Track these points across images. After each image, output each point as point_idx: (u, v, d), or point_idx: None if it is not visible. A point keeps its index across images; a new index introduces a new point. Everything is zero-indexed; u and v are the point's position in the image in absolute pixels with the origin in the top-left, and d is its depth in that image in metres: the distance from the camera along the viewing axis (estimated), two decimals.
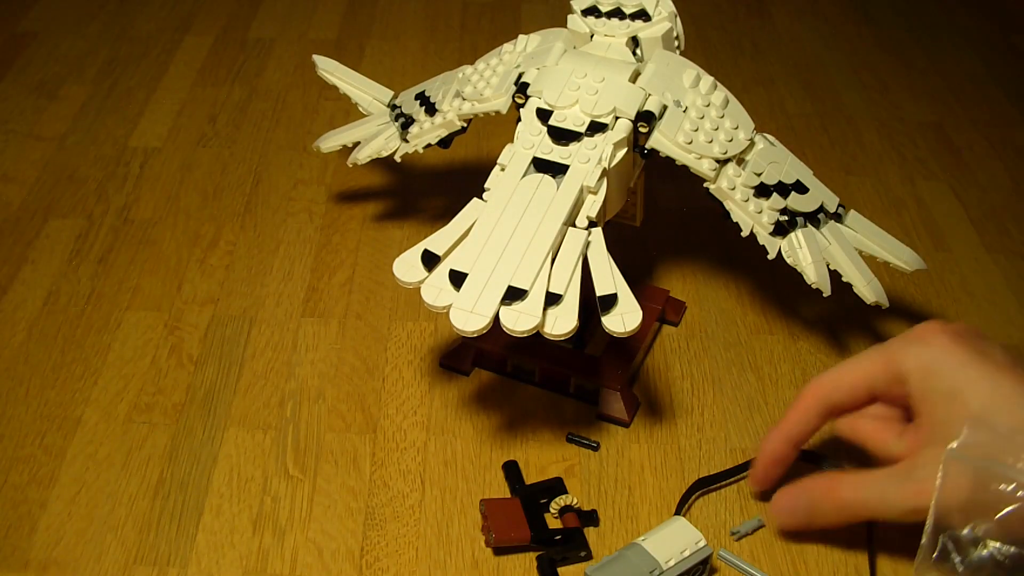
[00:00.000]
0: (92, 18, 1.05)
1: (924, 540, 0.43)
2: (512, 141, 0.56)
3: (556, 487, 0.56)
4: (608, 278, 0.50)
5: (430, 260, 0.51)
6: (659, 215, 0.77)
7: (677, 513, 0.55)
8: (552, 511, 0.55)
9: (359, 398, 0.63)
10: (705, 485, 0.57)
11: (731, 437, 0.61)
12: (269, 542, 0.55)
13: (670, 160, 0.56)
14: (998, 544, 0.42)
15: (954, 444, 0.42)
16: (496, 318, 0.48)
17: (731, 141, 0.57)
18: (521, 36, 0.62)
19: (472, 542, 0.55)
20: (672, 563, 0.50)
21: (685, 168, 0.56)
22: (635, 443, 0.60)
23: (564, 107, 0.56)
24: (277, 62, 0.97)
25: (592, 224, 0.53)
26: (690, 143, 0.55)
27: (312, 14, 1.06)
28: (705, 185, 0.57)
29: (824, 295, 0.58)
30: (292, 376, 0.64)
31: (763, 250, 0.58)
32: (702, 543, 0.51)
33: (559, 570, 0.53)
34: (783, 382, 0.64)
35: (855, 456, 0.53)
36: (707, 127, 0.56)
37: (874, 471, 0.47)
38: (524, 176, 0.54)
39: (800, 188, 0.59)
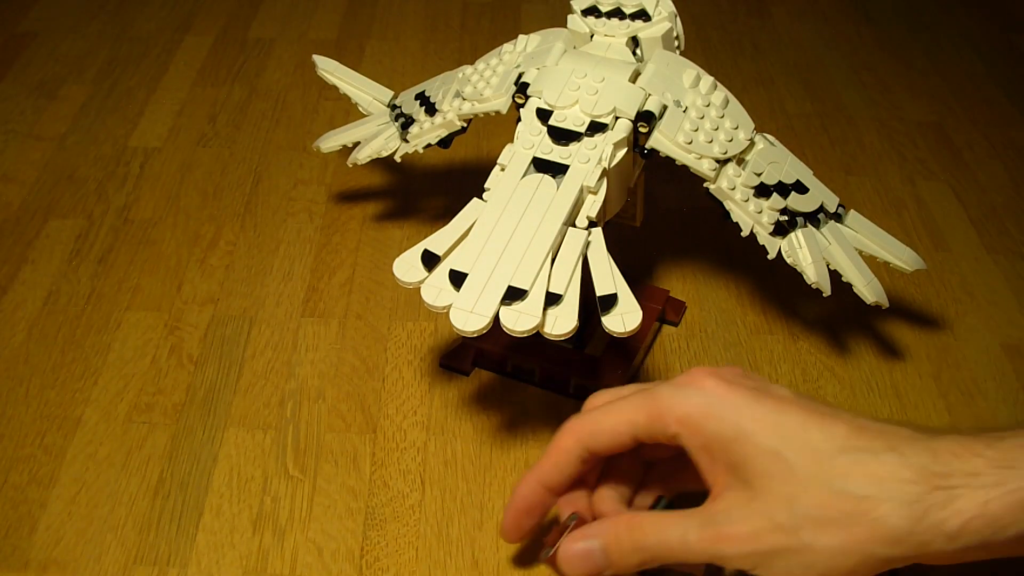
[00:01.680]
0: (92, 18, 1.05)
1: None
2: (512, 141, 0.56)
3: None
4: (608, 278, 0.50)
5: (430, 260, 0.51)
6: (659, 215, 0.77)
7: None
8: None
9: (359, 398, 0.63)
10: None
11: None
12: (269, 542, 0.55)
13: (670, 160, 0.56)
14: None
15: None
16: (496, 318, 0.48)
17: (731, 141, 0.57)
18: (521, 36, 0.62)
19: (472, 542, 0.55)
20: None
21: (685, 168, 0.56)
22: None
23: (564, 107, 0.56)
24: (277, 62, 0.97)
25: (592, 224, 0.53)
26: (690, 143, 0.55)
27: (312, 14, 1.06)
28: (705, 185, 0.57)
29: (824, 295, 0.58)
30: (292, 376, 0.64)
31: (763, 250, 0.58)
32: None
33: None
34: (783, 382, 0.64)
35: None
36: (707, 127, 0.56)
37: (675, 512, 0.44)
38: (524, 176, 0.54)
39: (800, 188, 0.59)
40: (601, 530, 0.44)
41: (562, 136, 0.55)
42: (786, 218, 0.58)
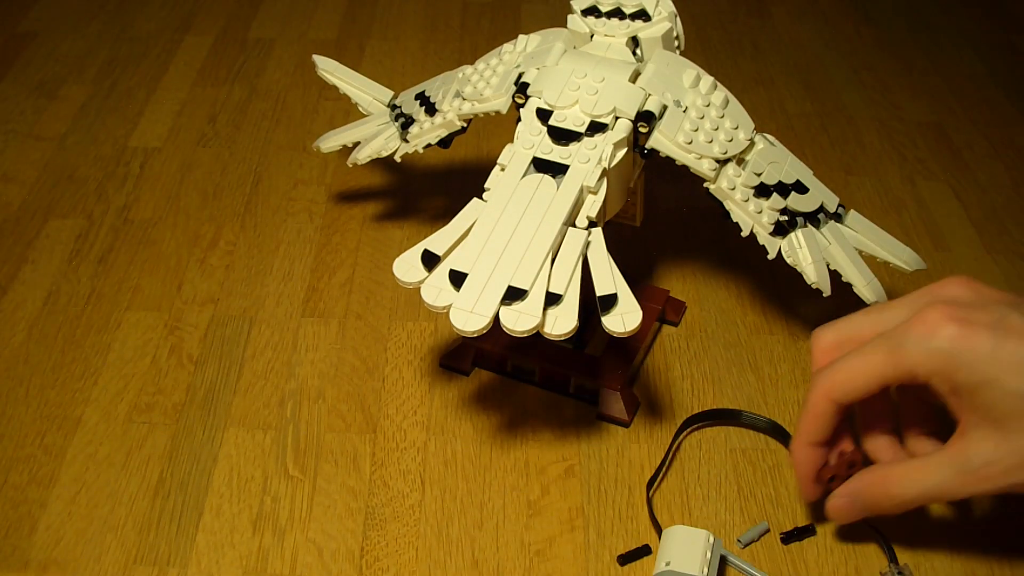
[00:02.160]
0: (92, 18, 1.05)
1: None
2: (512, 141, 0.56)
3: None
4: (608, 278, 0.50)
5: (430, 260, 0.51)
6: (659, 215, 0.77)
7: (654, 522, 0.55)
8: None
9: (359, 398, 0.63)
10: (651, 485, 0.57)
11: (731, 437, 0.61)
12: (269, 542, 0.55)
13: (670, 160, 0.56)
14: None
15: None
16: (496, 318, 0.48)
17: (731, 141, 0.57)
18: (521, 36, 0.62)
19: (472, 542, 0.55)
20: (707, 570, 0.50)
21: (685, 168, 0.56)
22: (635, 443, 0.60)
23: (564, 107, 0.56)
24: (277, 62, 0.97)
25: (592, 224, 0.53)
26: (690, 143, 0.55)
27: (312, 14, 1.06)
28: (705, 185, 0.57)
29: (824, 295, 0.58)
30: (292, 376, 0.64)
31: (763, 250, 0.58)
32: (712, 537, 0.51)
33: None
34: (783, 382, 0.64)
35: None
36: (707, 127, 0.56)
37: (922, 461, 0.48)
38: (524, 176, 0.54)
39: (800, 188, 0.59)
40: (858, 489, 0.51)
41: (562, 136, 0.55)
42: (786, 218, 0.58)
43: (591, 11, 0.60)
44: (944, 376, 0.45)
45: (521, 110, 0.57)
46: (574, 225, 0.52)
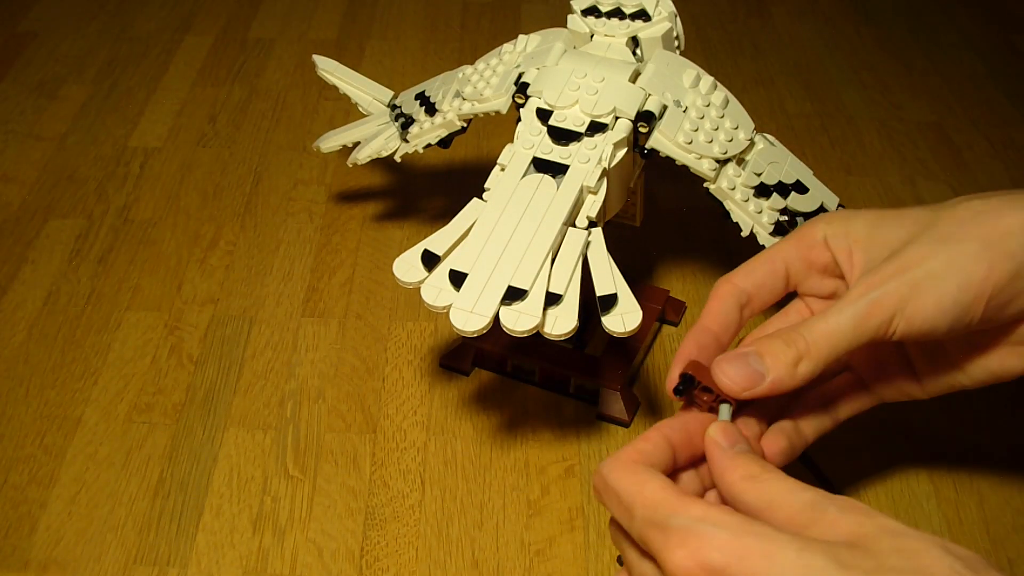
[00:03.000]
0: (92, 18, 1.05)
1: None
2: (512, 141, 0.56)
3: None
4: (608, 278, 0.50)
5: (430, 260, 0.51)
6: (659, 215, 0.77)
7: None
8: None
9: (359, 398, 0.63)
10: None
11: None
12: (269, 542, 0.55)
13: (670, 160, 0.56)
14: None
15: None
16: (496, 318, 0.48)
17: (731, 141, 0.57)
18: (521, 36, 0.62)
19: (472, 542, 0.55)
20: None
21: (685, 168, 0.56)
22: None
23: (564, 107, 0.56)
24: (277, 62, 0.97)
25: (592, 224, 0.53)
26: (690, 143, 0.55)
27: (312, 14, 1.06)
28: (705, 185, 0.57)
29: None
30: (292, 376, 0.64)
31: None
32: None
33: None
34: None
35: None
36: (707, 127, 0.56)
37: (820, 313, 0.44)
38: (524, 176, 0.54)
39: (800, 188, 0.59)
40: (755, 347, 0.43)
41: (562, 136, 0.55)
42: (786, 218, 0.58)
43: (591, 11, 0.60)
44: (841, 227, 0.46)
45: (521, 110, 0.57)
46: (574, 225, 0.52)
